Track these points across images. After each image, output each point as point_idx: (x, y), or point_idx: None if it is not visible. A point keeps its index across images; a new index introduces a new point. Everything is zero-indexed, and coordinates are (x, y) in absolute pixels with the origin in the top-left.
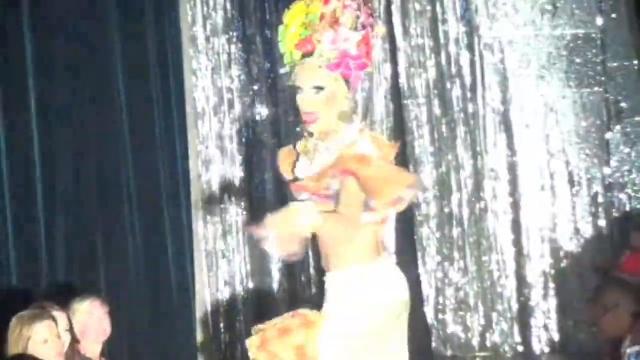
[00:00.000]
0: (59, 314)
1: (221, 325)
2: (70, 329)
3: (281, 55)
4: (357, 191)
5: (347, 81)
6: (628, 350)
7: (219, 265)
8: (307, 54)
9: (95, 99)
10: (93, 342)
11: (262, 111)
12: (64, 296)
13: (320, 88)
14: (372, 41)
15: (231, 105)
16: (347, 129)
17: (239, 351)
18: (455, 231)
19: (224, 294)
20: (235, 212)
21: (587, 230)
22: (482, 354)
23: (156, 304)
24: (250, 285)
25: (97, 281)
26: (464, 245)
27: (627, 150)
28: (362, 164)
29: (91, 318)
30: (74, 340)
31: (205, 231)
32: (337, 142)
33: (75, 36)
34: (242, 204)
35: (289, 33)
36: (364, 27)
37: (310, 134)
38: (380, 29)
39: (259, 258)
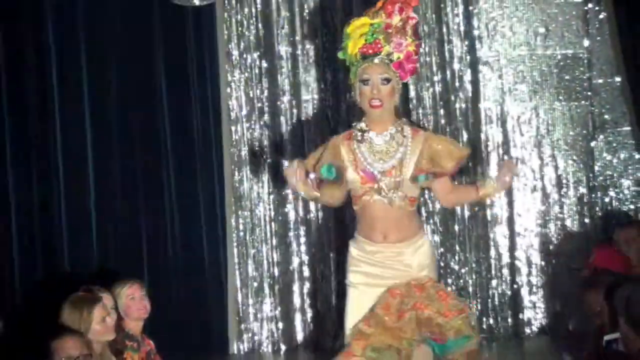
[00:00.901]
0: (105, 296)
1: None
2: (115, 308)
3: (306, 66)
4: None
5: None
6: (606, 338)
7: (248, 254)
8: (371, 55)
9: (142, 106)
10: (135, 320)
11: (287, 120)
12: (110, 279)
13: (387, 80)
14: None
15: (261, 113)
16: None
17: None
18: (457, 227)
19: (253, 281)
20: (263, 208)
21: (574, 227)
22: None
23: (191, 286)
24: (276, 273)
25: (141, 266)
26: (464, 240)
27: (609, 157)
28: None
29: (133, 300)
30: (119, 318)
31: (237, 223)
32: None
33: (125, 53)
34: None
35: (354, 40)
36: (420, 37)
37: (363, 133)
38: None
39: (284, 248)
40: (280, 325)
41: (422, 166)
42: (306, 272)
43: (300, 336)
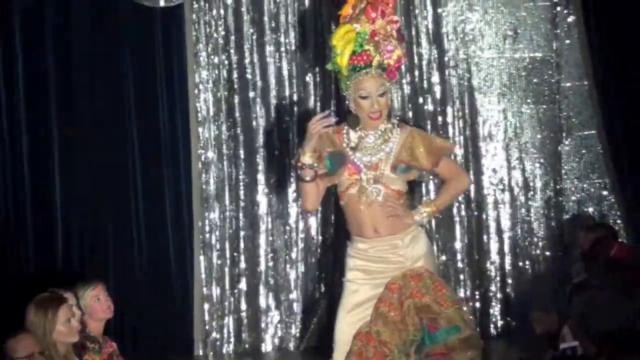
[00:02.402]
0: (69, 295)
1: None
2: (78, 306)
3: (277, 68)
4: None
5: None
6: (563, 345)
7: (215, 256)
8: (363, 67)
9: (109, 107)
10: (97, 321)
11: (257, 118)
12: (75, 280)
13: (384, 93)
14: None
15: (229, 114)
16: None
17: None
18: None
19: (220, 283)
20: (230, 209)
21: (541, 230)
22: None
23: (156, 288)
24: (243, 275)
25: (107, 267)
26: (433, 241)
27: (576, 160)
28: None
29: (98, 301)
30: (82, 316)
31: (204, 225)
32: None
33: (93, 55)
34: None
35: (341, 51)
36: (404, 37)
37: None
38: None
39: (252, 250)
40: (246, 328)
41: (402, 158)
42: (273, 274)
43: (266, 337)
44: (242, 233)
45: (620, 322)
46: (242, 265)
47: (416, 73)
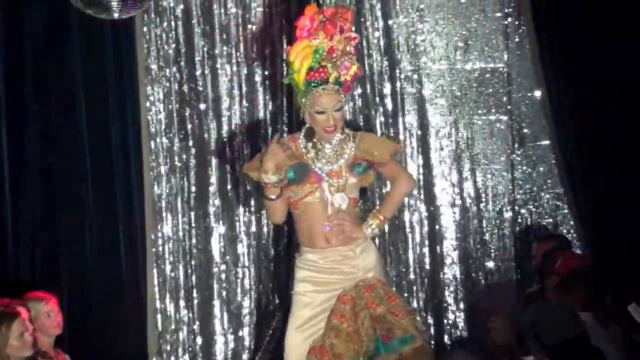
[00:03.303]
0: (22, 309)
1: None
2: (30, 319)
3: (228, 80)
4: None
5: None
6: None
7: (168, 269)
8: (320, 82)
9: (60, 120)
10: (47, 337)
11: (209, 130)
12: (26, 291)
13: (340, 108)
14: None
15: (181, 126)
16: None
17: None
18: (377, 240)
19: (173, 296)
20: (183, 222)
21: (493, 241)
22: None
23: (108, 301)
24: (195, 288)
25: (59, 280)
26: (384, 252)
27: (529, 170)
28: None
29: (49, 318)
30: (34, 330)
31: (156, 238)
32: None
33: (43, 66)
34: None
35: (297, 67)
36: (359, 51)
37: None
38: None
39: (205, 263)
40: (199, 340)
41: (359, 156)
42: (226, 286)
43: (220, 350)
44: (194, 245)
45: (572, 334)
46: (195, 277)
47: (367, 85)
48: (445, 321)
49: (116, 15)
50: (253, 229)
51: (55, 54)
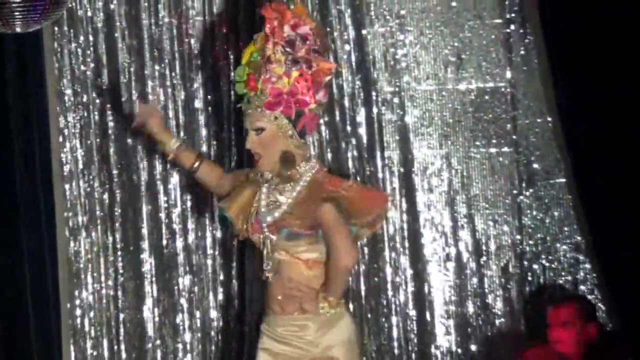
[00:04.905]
0: None
1: None
2: None
3: (162, 108)
4: (340, 217)
5: (295, 119)
6: None
7: (88, 346)
8: (246, 94)
9: None
10: None
11: (139, 170)
12: None
13: (261, 129)
14: (321, 77)
15: (103, 167)
16: (307, 166)
17: None
18: (352, 306)
19: None
20: (107, 286)
21: (498, 305)
22: None
23: None
24: None
25: None
26: (361, 322)
27: (540, 216)
28: (339, 187)
29: None
30: None
31: (73, 307)
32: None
33: None
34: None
35: (240, 73)
36: (296, 62)
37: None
38: (329, 64)
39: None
40: None
41: (286, 217)
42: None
43: None
44: (122, 316)
45: None
46: (124, 355)
47: (336, 111)
48: None
49: (18, 29)
50: (196, 294)
51: None
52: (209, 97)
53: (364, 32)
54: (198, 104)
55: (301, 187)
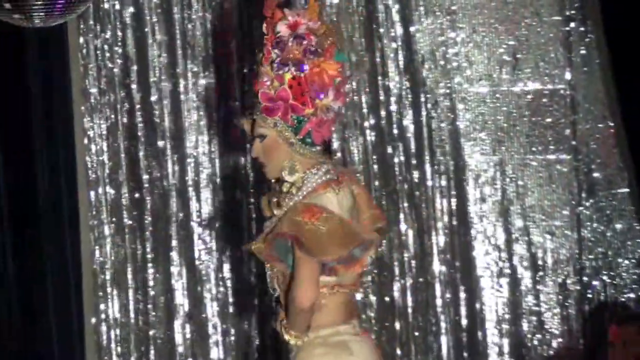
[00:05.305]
0: None
1: None
2: None
3: (195, 108)
4: (300, 254)
5: (297, 125)
6: None
7: None
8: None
9: None
10: None
11: (168, 176)
12: None
13: (262, 136)
14: (323, 79)
15: (132, 171)
16: (310, 177)
17: None
18: (398, 324)
19: None
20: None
21: (555, 324)
22: None
23: None
24: None
25: None
26: (407, 341)
27: (601, 228)
28: (310, 218)
29: None
30: None
31: (98, 323)
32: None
33: None
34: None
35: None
36: (285, 65)
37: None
38: (331, 65)
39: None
40: None
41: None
42: None
43: None
44: (152, 332)
45: None
46: None
47: (382, 113)
48: None
49: (38, 21)
50: (230, 310)
51: None
52: (245, 97)
53: (412, 29)
54: (232, 103)
55: (299, 198)
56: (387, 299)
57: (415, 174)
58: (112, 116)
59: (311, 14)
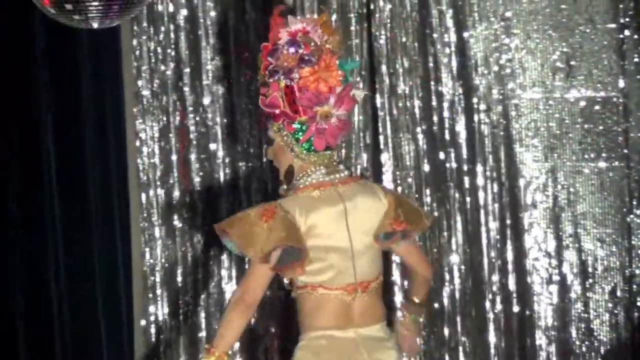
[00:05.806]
0: None
1: None
2: None
3: (248, 111)
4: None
5: (297, 131)
6: None
7: None
8: None
9: (23, 166)
10: None
11: (220, 179)
12: None
13: (271, 140)
14: (318, 87)
15: (182, 174)
16: (300, 181)
17: None
18: (447, 330)
19: None
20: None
21: (603, 332)
22: None
23: None
24: None
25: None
26: (456, 346)
27: None
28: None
29: None
30: None
31: (147, 325)
32: None
33: None
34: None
35: None
36: (275, 72)
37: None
38: (330, 74)
39: None
40: None
41: None
42: None
43: None
44: (200, 335)
45: None
46: None
47: (435, 119)
48: None
49: (95, 24)
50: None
51: (17, 78)
52: None
53: (465, 34)
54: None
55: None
56: (436, 305)
57: (467, 180)
58: (164, 119)
59: (323, 26)
